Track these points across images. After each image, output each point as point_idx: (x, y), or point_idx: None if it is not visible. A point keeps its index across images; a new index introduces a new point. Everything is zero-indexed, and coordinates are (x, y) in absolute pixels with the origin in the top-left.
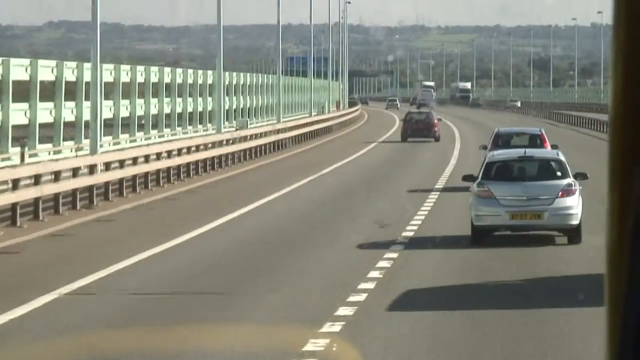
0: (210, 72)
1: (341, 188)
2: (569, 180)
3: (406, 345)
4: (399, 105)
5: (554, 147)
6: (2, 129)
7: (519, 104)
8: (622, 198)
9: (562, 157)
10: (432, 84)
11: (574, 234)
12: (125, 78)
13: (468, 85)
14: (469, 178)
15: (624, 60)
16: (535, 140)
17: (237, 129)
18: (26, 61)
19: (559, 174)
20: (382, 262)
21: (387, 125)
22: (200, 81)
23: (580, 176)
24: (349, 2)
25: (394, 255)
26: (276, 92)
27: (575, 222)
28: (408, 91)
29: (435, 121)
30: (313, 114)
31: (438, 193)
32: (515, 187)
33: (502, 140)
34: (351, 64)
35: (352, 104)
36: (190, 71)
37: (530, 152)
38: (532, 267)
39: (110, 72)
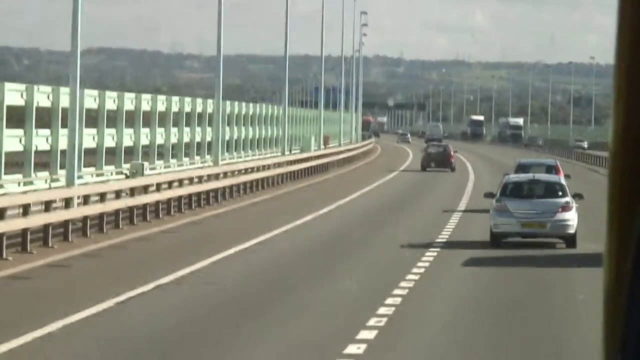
0: (210, 102)
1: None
2: (568, 198)
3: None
4: (409, 140)
5: (566, 176)
6: None
7: (585, 145)
8: (622, 237)
9: (563, 181)
10: (481, 118)
11: (570, 241)
12: (111, 105)
13: (520, 121)
14: (489, 195)
15: (624, 101)
16: (551, 171)
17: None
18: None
19: (560, 193)
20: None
21: (395, 167)
22: (199, 109)
23: (577, 196)
24: (365, 35)
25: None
26: (281, 123)
27: (572, 231)
28: (452, 126)
29: (452, 153)
30: (293, 151)
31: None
32: (525, 203)
33: (523, 171)
34: (386, 96)
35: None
36: (187, 99)
37: (538, 176)
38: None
39: (95, 99)
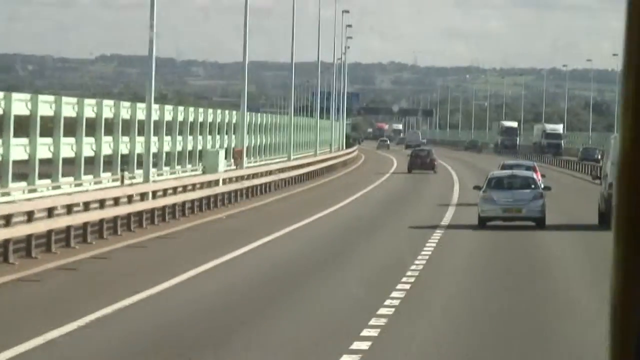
0: (191, 109)
1: None
2: (540, 190)
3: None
4: (389, 146)
5: (543, 176)
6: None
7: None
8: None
9: (535, 176)
10: (514, 125)
11: (541, 223)
12: (90, 113)
13: (559, 128)
14: (477, 187)
15: (634, 104)
16: (530, 170)
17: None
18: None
19: (532, 186)
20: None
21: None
22: (180, 118)
23: (546, 188)
24: (350, 37)
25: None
26: (239, 131)
27: (541, 215)
28: (472, 133)
29: (434, 157)
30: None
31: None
32: (505, 193)
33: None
34: (397, 102)
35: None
36: (169, 107)
37: (515, 172)
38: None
39: (73, 107)
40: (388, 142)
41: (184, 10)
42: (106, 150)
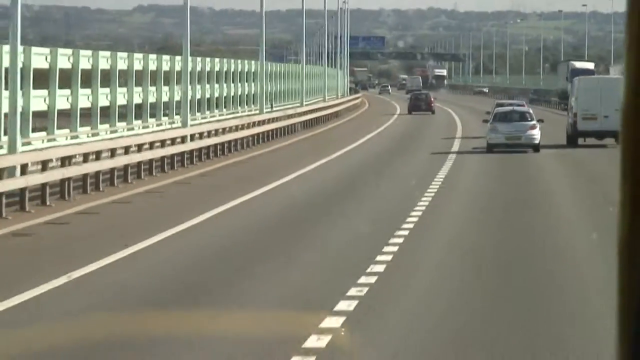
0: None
1: None
2: (534, 122)
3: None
4: (390, 91)
5: (539, 121)
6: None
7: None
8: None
9: (531, 110)
10: (590, 66)
11: (536, 148)
12: (104, 65)
13: (590, 65)
14: (485, 121)
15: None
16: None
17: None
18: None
19: (529, 118)
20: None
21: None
22: (168, 68)
23: (540, 121)
24: None
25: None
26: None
27: (537, 141)
28: (494, 79)
29: (432, 99)
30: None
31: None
32: (508, 125)
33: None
34: (435, 49)
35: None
36: (166, 57)
37: (516, 108)
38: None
39: (88, 59)
40: (389, 87)
41: None
42: (136, 99)
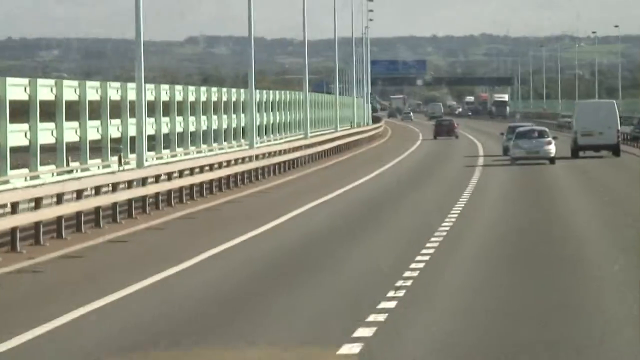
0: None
1: None
2: (550, 138)
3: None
4: (412, 118)
5: (554, 138)
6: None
7: None
8: None
9: (547, 129)
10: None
11: (552, 160)
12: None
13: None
14: (501, 135)
15: None
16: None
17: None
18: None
19: (545, 136)
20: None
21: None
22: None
23: (555, 138)
24: (371, 20)
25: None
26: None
27: (552, 155)
28: (545, 103)
29: (456, 125)
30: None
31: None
32: (528, 141)
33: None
34: (489, 74)
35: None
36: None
37: (534, 127)
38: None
39: (117, 90)
40: (411, 114)
41: None
42: (150, 130)
